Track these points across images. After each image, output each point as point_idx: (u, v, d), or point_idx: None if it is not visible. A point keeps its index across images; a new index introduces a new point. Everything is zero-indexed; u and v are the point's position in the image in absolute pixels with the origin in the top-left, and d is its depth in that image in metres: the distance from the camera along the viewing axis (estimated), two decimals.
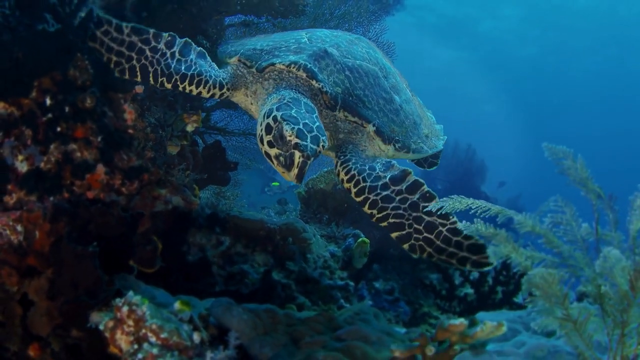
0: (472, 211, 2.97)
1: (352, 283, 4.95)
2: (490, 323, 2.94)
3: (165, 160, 4.01)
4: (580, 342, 2.71)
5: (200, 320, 3.13)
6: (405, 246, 3.47)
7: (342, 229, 5.77)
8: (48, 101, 3.55)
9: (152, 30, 3.84)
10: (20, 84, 3.49)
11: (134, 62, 3.80)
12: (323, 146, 3.29)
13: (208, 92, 3.85)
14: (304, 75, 3.69)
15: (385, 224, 3.46)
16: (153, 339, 2.71)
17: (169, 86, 3.80)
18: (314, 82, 3.69)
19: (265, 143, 3.35)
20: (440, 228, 3.43)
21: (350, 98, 3.82)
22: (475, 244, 3.40)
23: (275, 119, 3.31)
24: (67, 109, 3.59)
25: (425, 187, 3.53)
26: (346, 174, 3.59)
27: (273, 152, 3.30)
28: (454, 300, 4.62)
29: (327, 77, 3.78)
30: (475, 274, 4.45)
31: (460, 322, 2.91)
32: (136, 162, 3.79)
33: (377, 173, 3.57)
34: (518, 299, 4.34)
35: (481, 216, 2.89)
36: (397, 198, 3.50)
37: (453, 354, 2.94)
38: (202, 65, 3.87)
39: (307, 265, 4.89)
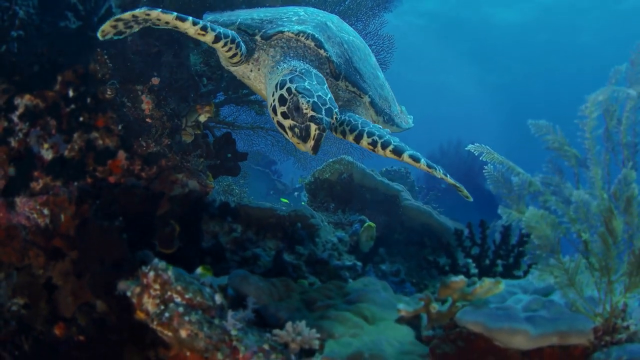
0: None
1: (359, 263, 5.16)
2: (488, 280, 3.15)
3: (181, 148, 4.26)
4: (572, 292, 2.93)
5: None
6: None
7: (348, 215, 6.00)
8: (71, 93, 3.81)
9: None
10: (45, 77, 3.74)
11: None
12: (336, 118, 3.38)
13: (237, 52, 3.78)
14: (312, 44, 3.82)
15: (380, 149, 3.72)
16: (178, 300, 2.94)
17: (211, 36, 3.64)
18: (321, 51, 3.83)
19: (278, 113, 3.42)
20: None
21: (350, 69, 4.00)
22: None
23: (289, 90, 3.38)
24: (88, 100, 3.85)
25: None
26: (347, 125, 3.73)
27: (287, 123, 3.38)
28: (457, 275, 4.79)
29: (332, 47, 3.93)
30: (476, 249, 4.66)
31: (461, 278, 3.13)
32: (154, 149, 4.04)
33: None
34: (518, 273, 4.54)
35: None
36: None
37: (455, 310, 3.15)
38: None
39: (316, 248, 5.12)
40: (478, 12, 34.07)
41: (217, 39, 3.63)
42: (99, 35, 3.44)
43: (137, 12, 3.36)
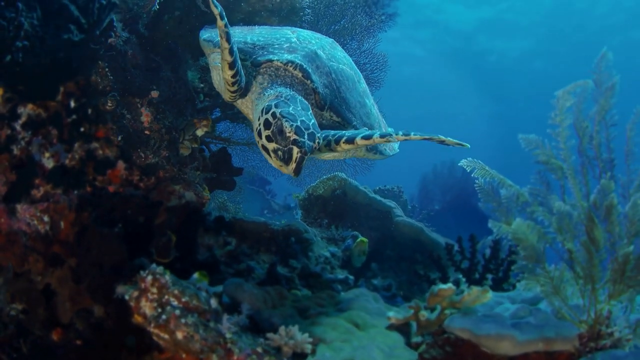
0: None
1: (352, 277, 5.24)
2: (476, 288, 3.25)
3: (178, 160, 4.36)
4: (557, 300, 3.03)
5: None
6: None
7: (341, 231, 6.08)
8: (72, 104, 3.90)
9: None
10: (48, 88, 3.84)
11: None
12: (318, 142, 3.49)
13: (237, 94, 3.93)
14: (300, 74, 3.92)
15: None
16: (175, 303, 3.02)
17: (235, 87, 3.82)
18: (308, 82, 3.93)
19: (263, 137, 3.54)
20: None
21: (336, 100, 4.10)
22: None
23: (274, 115, 3.49)
24: (89, 111, 3.95)
25: None
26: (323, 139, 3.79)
27: (271, 146, 3.49)
28: (446, 284, 4.88)
29: (319, 78, 4.03)
30: (466, 263, 4.76)
31: (449, 286, 3.23)
32: (152, 160, 4.14)
33: None
34: (507, 286, 4.63)
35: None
36: None
37: (444, 318, 3.23)
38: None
39: (309, 262, 5.20)
40: (477, 42, 34.47)
41: (237, 90, 3.86)
42: None
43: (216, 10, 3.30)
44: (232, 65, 3.61)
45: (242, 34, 4.31)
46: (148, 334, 3.10)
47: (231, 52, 3.53)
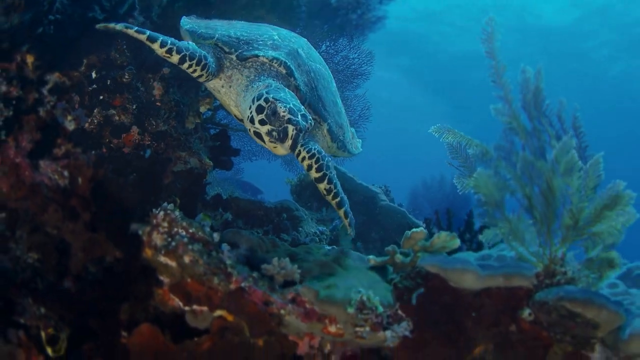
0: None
1: (338, 248, 5.69)
2: (445, 233, 3.70)
3: (184, 131, 4.84)
4: (515, 241, 3.45)
5: None
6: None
7: (330, 212, 6.55)
8: (93, 75, 4.39)
9: None
10: (73, 59, 4.32)
11: None
12: (310, 124, 3.80)
13: (202, 74, 4.09)
14: (284, 71, 4.15)
15: (331, 196, 4.48)
16: (183, 233, 3.46)
17: (176, 57, 4.02)
18: (291, 79, 4.20)
19: (256, 122, 3.75)
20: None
21: (314, 98, 4.37)
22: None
23: (267, 100, 3.75)
24: (108, 82, 4.43)
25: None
26: (308, 152, 4.17)
27: (265, 129, 3.72)
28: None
29: (300, 76, 4.29)
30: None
31: (421, 229, 3.68)
32: (162, 128, 4.62)
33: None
34: None
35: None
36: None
37: (416, 260, 3.68)
38: (203, 51, 4.15)
39: (299, 235, 5.66)
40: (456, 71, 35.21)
41: (182, 61, 4.03)
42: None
43: (117, 27, 3.96)
44: (161, 44, 4.00)
45: (225, 28, 4.52)
46: (154, 273, 3.52)
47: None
